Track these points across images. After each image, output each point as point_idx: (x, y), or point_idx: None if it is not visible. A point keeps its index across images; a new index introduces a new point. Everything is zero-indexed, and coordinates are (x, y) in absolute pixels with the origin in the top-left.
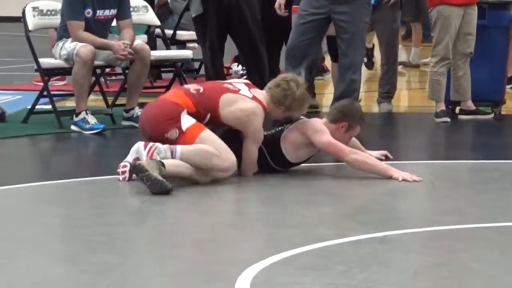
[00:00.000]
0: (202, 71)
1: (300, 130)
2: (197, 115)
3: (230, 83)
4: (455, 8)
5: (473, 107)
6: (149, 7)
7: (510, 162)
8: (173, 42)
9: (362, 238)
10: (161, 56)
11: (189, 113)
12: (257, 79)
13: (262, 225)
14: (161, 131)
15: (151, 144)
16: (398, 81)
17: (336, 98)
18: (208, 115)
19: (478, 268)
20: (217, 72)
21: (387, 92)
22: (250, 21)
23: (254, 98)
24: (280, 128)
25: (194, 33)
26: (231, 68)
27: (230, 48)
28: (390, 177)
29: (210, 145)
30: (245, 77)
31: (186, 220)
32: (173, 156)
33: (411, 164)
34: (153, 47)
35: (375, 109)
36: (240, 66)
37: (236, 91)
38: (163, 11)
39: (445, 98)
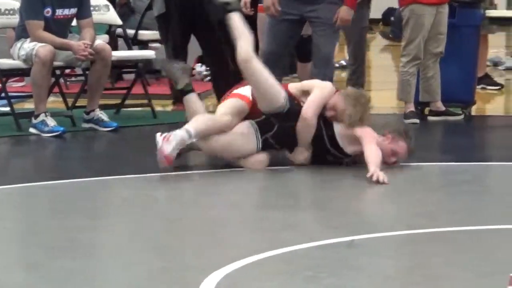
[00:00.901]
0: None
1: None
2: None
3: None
4: (428, 7)
5: (442, 108)
6: (111, 6)
7: (480, 164)
8: (135, 42)
9: (330, 242)
10: (123, 57)
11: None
12: (221, 80)
13: (228, 230)
14: None
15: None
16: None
17: None
18: None
19: (450, 272)
20: None
21: None
22: (213, 21)
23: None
24: None
25: (156, 32)
26: (194, 69)
27: (193, 48)
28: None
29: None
30: (208, 78)
31: (150, 226)
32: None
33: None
34: (115, 47)
35: None
36: (203, 67)
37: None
38: (124, 10)
39: (414, 99)
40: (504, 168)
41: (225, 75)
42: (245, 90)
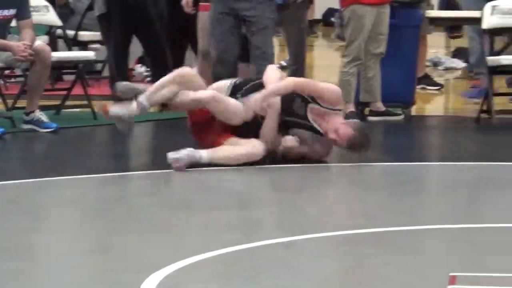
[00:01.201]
0: (105, 73)
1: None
2: None
3: None
4: (369, 7)
5: (382, 108)
6: (50, 7)
7: (419, 164)
8: (75, 43)
9: (269, 243)
10: (63, 57)
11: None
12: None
13: (168, 231)
14: None
15: None
16: None
17: None
18: None
19: (389, 272)
20: (121, 73)
21: None
22: (156, 21)
23: None
24: None
25: (97, 33)
26: (134, 70)
27: (133, 49)
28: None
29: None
30: (148, 79)
31: (90, 227)
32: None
33: (319, 167)
34: (54, 48)
35: None
36: (143, 68)
37: None
38: (64, 11)
39: (355, 99)
40: (443, 168)
41: (166, 73)
42: None
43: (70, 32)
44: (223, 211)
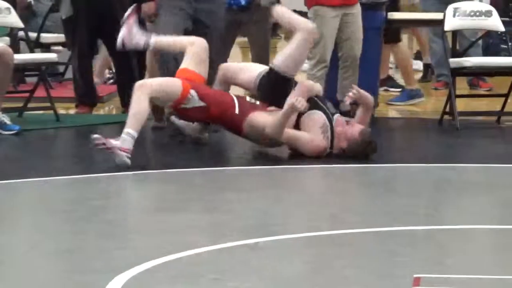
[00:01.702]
0: (68, 75)
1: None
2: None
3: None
4: (331, 8)
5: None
6: (12, 9)
7: (383, 166)
8: (37, 45)
9: (234, 245)
10: (25, 60)
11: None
12: (127, 81)
13: (132, 233)
14: None
15: None
16: None
17: None
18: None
19: (353, 274)
20: (85, 75)
21: None
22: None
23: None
24: None
25: (59, 35)
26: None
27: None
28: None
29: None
30: (111, 81)
31: (54, 229)
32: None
33: (285, 169)
34: (16, 50)
35: None
36: (107, 70)
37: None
38: (26, 13)
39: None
40: (407, 169)
41: (131, 78)
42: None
43: (32, 34)
44: (188, 213)
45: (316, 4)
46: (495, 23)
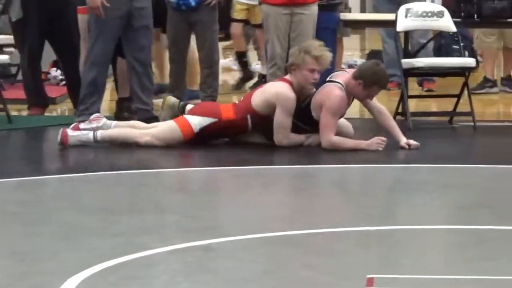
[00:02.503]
0: (20, 76)
1: (321, 100)
2: (239, 122)
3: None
4: (276, 7)
5: None
6: None
7: (335, 166)
8: None
9: (187, 246)
10: None
11: (230, 121)
12: (76, 83)
13: (84, 235)
14: None
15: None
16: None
17: None
18: (248, 117)
19: (307, 275)
20: (35, 77)
21: (210, 95)
22: (72, 26)
23: (281, 79)
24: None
25: (11, 37)
26: (50, 73)
27: (47, 53)
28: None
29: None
30: (63, 82)
31: (6, 231)
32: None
33: (238, 170)
34: None
35: None
36: (58, 71)
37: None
38: None
39: None
40: (360, 170)
41: (79, 78)
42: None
43: None
44: (140, 214)
45: (263, 3)
46: (447, 23)
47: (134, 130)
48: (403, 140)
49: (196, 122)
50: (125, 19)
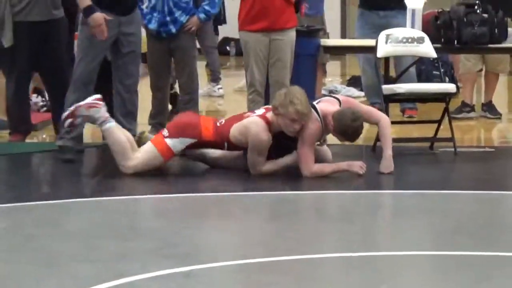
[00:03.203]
0: None
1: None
2: (216, 144)
3: (252, 111)
4: (254, 34)
5: None
6: None
7: (316, 192)
8: None
9: (167, 272)
10: None
11: (209, 141)
12: (60, 111)
13: (63, 261)
14: None
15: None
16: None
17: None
18: (226, 144)
19: None
20: (21, 104)
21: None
22: (61, 55)
23: (261, 115)
24: None
25: None
26: (31, 100)
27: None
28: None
29: (142, 151)
30: (44, 109)
31: None
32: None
33: (217, 196)
34: None
35: None
36: (39, 98)
37: (248, 116)
38: None
39: None
40: (342, 196)
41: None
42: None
43: None
44: (118, 241)
45: (241, 30)
46: (427, 49)
47: (128, 150)
48: (388, 153)
49: (177, 144)
50: (111, 43)
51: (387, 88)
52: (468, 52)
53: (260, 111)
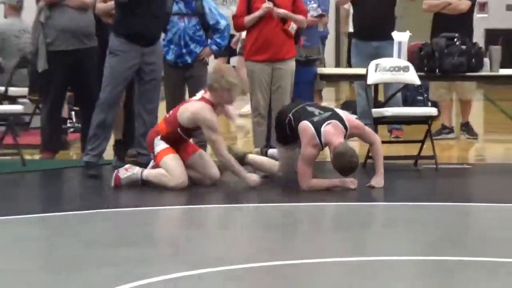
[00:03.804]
0: (33, 124)
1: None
2: (170, 135)
3: (190, 99)
4: (258, 63)
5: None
6: None
7: (310, 204)
8: (5, 98)
9: (180, 275)
10: None
11: (163, 137)
12: (87, 128)
13: (83, 268)
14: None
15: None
16: None
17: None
18: (179, 130)
19: None
20: (53, 125)
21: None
22: (91, 76)
23: (201, 99)
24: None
25: (24, 89)
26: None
27: None
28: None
29: (166, 169)
30: (72, 129)
31: (6, 266)
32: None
33: (222, 208)
34: None
35: None
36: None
37: (189, 100)
38: None
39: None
40: (336, 207)
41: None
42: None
43: (0, 88)
44: (135, 248)
45: (247, 60)
46: (412, 77)
47: (163, 177)
48: (381, 171)
49: (161, 149)
50: (135, 71)
51: (377, 112)
52: (448, 80)
53: (199, 95)
